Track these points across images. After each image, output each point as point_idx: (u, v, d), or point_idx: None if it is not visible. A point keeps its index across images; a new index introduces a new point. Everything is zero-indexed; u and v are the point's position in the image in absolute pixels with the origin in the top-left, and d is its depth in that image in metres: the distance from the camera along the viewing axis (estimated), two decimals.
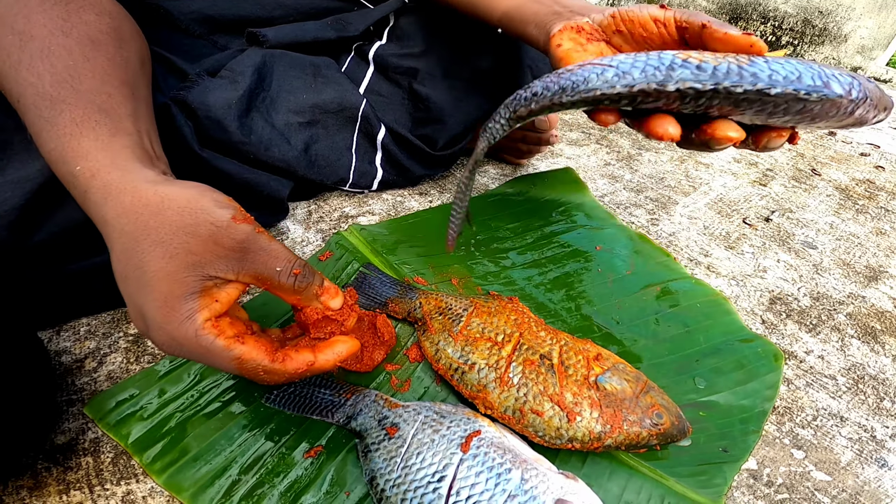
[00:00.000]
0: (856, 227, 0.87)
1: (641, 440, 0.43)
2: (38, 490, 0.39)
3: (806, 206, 0.92)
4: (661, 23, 0.40)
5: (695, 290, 0.62)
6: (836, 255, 0.78)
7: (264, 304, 0.55)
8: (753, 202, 0.91)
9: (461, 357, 0.47)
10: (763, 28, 2.59)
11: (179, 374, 0.47)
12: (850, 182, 1.05)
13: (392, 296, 0.55)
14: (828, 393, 0.55)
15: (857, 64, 2.33)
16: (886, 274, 0.76)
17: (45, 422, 0.42)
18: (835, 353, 0.60)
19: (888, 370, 0.59)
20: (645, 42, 0.42)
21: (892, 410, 0.54)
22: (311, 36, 0.67)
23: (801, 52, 2.49)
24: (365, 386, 0.48)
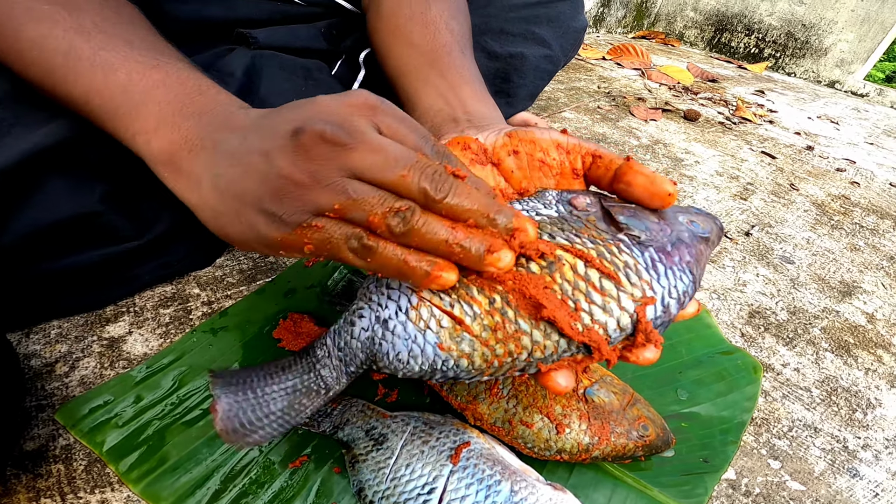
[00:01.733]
0: (831, 242, 0.92)
1: (628, 451, 0.45)
2: (8, 497, 0.39)
3: (784, 221, 0.96)
4: (565, 149, 0.36)
5: None
6: (811, 271, 0.82)
7: (249, 308, 0.55)
8: (734, 216, 0.95)
9: None
10: (747, 40, 2.67)
11: (157, 380, 0.47)
12: (827, 197, 1.11)
13: None
14: (803, 404, 0.58)
15: (835, 77, 2.43)
16: (860, 289, 0.80)
17: (14, 427, 0.41)
18: (810, 366, 0.64)
19: (860, 383, 0.63)
20: (542, 168, 0.37)
21: (863, 422, 0.58)
22: (302, 44, 0.66)
23: (783, 64, 2.58)
24: (352, 395, 0.48)
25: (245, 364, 0.50)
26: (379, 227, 0.28)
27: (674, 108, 1.53)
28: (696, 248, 0.32)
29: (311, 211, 0.28)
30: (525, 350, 0.31)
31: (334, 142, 0.27)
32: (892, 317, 0.76)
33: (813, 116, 1.81)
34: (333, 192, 0.28)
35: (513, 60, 0.81)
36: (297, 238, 0.29)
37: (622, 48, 2.11)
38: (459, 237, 0.28)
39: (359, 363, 0.35)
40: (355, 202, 0.28)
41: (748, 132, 1.46)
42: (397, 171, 0.28)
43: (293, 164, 0.28)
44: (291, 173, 0.28)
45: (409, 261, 0.28)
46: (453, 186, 0.29)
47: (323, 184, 0.28)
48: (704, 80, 2.04)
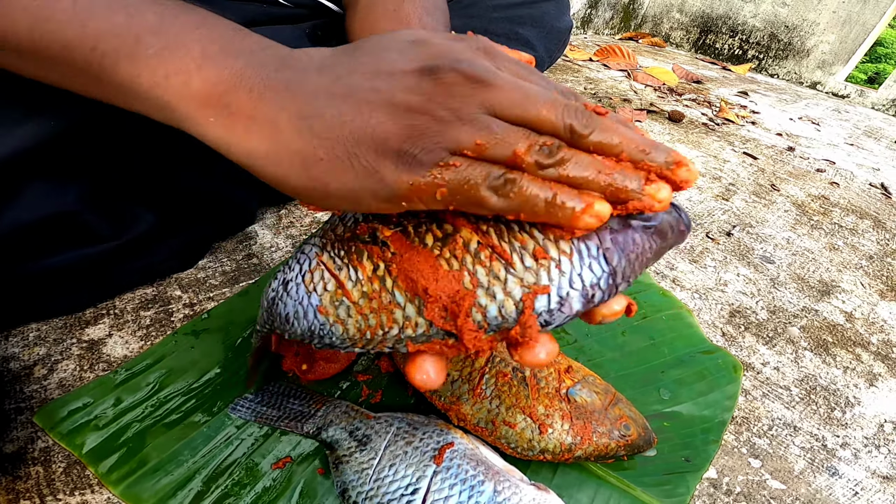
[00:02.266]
0: (810, 242, 0.94)
1: (610, 451, 0.45)
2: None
3: (765, 221, 0.98)
4: None
5: (661, 301, 0.66)
6: (791, 270, 0.84)
7: (231, 310, 0.55)
8: (716, 217, 0.96)
9: None
10: (731, 41, 2.70)
11: (137, 382, 0.47)
12: (807, 198, 1.13)
13: None
14: (782, 403, 0.59)
15: (816, 79, 2.47)
16: (838, 288, 0.82)
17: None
18: (789, 365, 0.65)
19: (839, 381, 0.64)
20: None
21: (842, 420, 0.59)
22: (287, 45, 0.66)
23: (766, 65, 2.62)
24: (336, 396, 0.48)
25: (227, 366, 0.50)
26: (524, 160, 0.26)
27: (658, 110, 1.54)
28: (627, 235, 0.28)
29: (450, 149, 0.26)
30: (396, 325, 0.29)
31: (474, 78, 0.26)
32: (870, 315, 0.78)
33: (794, 117, 1.84)
34: (476, 127, 0.26)
35: None
36: (431, 181, 0.26)
37: (609, 49, 2.12)
38: (613, 168, 0.26)
39: (262, 322, 0.36)
40: (498, 136, 0.26)
41: (731, 133, 1.48)
42: (539, 108, 0.26)
43: (432, 101, 0.26)
44: (432, 109, 0.26)
45: (559, 194, 0.26)
46: (599, 122, 0.27)
47: (465, 120, 0.26)
48: (689, 81, 2.06)
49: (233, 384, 0.48)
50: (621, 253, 0.28)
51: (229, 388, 0.48)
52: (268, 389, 0.48)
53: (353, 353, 0.51)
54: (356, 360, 0.52)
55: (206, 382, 0.48)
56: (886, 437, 0.59)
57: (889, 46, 6.92)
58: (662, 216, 0.28)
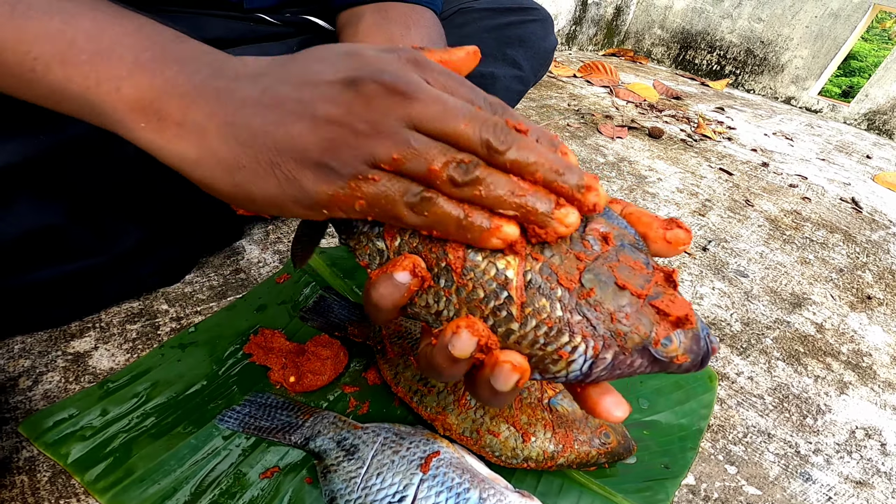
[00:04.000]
0: (783, 256, 0.98)
1: (591, 459, 0.47)
2: None
3: (739, 237, 1.01)
4: None
5: None
6: (764, 284, 0.87)
7: (219, 324, 0.56)
8: (693, 232, 0.99)
9: (420, 380, 0.49)
10: (710, 57, 2.76)
11: (123, 394, 0.47)
12: (779, 213, 1.17)
13: (352, 319, 0.57)
14: (756, 411, 0.62)
15: (791, 94, 2.53)
16: (809, 301, 0.85)
17: None
18: (762, 375, 0.67)
19: (810, 389, 0.67)
20: None
21: (814, 427, 0.61)
22: None
23: (743, 81, 2.69)
24: (323, 408, 0.49)
25: (213, 381, 0.50)
26: (439, 178, 0.26)
27: (639, 126, 1.59)
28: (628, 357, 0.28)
29: (368, 162, 0.27)
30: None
31: (395, 91, 0.26)
32: (840, 326, 0.81)
33: (769, 133, 1.90)
34: (394, 141, 0.26)
35: (483, 80, 0.83)
36: (350, 193, 0.27)
37: (592, 66, 2.17)
38: (526, 189, 0.26)
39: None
40: (416, 152, 0.26)
41: (707, 149, 1.53)
42: (458, 122, 0.26)
43: (351, 113, 0.26)
44: (351, 121, 0.26)
45: (470, 215, 0.26)
46: (517, 139, 0.27)
47: (383, 133, 0.26)
48: (669, 97, 2.11)
49: (220, 396, 0.49)
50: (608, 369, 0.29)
51: (216, 400, 0.48)
52: (255, 401, 0.48)
53: (341, 367, 0.52)
54: (343, 372, 0.53)
55: (192, 394, 0.48)
56: (858, 444, 0.61)
57: (863, 60, 7.12)
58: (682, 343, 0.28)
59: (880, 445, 0.61)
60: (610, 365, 0.28)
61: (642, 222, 0.31)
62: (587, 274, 0.28)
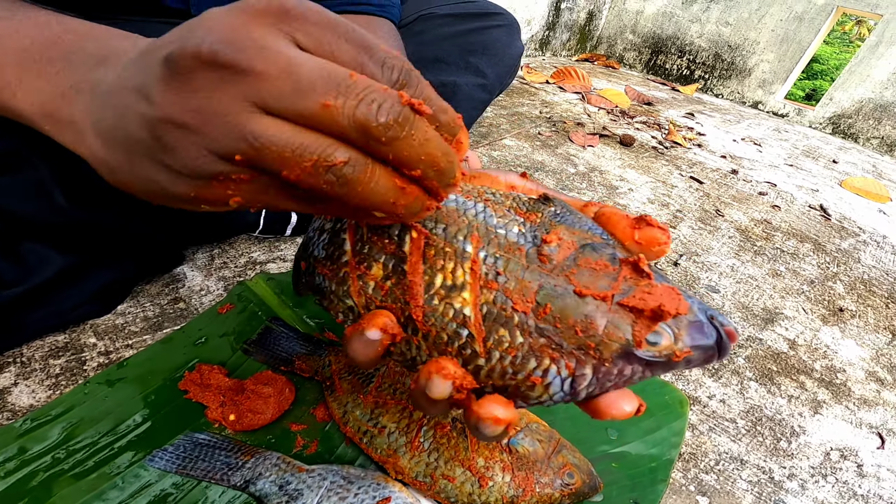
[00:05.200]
0: (754, 269, 0.96)
1: (554, 501, 0.44)
2: None
3: (710, 249, 1.00)
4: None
5: None
6: (736, 299, 0.85)
7: (151, 358, 0.51)
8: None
9: (370, 420, 0.46)
10: (679, 62, 2.79)
11: (44, 431, 0.43)
12: (750, 223, 1.16)
13: (300, 352, 0.53)
14: (729, 436, 0.59)
15: (758, 98, 2.56)
16: (781, 315, 0.84)
17: None
18: (735, 397, 0.65)
19: (784, 411, 0.65)
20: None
21: (788, 450, 0.59)
22: None
23: (712, 85, 2.72)
24: (267, 447, 0.45)
25: (144, 419, 0.46)
26: (302, 185, 0.21)
27: (611, 133, 1.57)
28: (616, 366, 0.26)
29: (215, 156, 0.21)
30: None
31: (221, 64, 0.20)
32: (812, 342, 0.80)
33: (738, 138, 1.91)
34: (229, 136, 0.20)
35: (444, 90, 0.80)
36: (216, 191, 0.22)
37: (565, 72, 2.16)
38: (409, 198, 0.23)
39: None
40: (259, 151, 0.20)
41: (678, 157, 1.52)
42: (316, 99, 0.20)
43: (170, 102, 0.21)
44: (170, 114, 0.21)
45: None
46: (408, 126, 0.21)
47: (214, 124, 0.20)
48: (640, 103, 2.12)
49: (151, 435, 0.45)
50: (594, 384, 0.27)
51: (147, 440, 0.44)
52: (190, 440, 0.44)
53: (286, 405, 0.48)
54: (289, 409, 0.49)
55: (120, 433, 0.44)
56: (833, 466, 0.59)
57: (825, 63, 7.34)
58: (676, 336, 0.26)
59: (856, 467, 0.60)
60: (595, 380, 0.26)
61: (612, 223, 0.29)
62: (541, 291, 0.26)
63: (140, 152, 0.23)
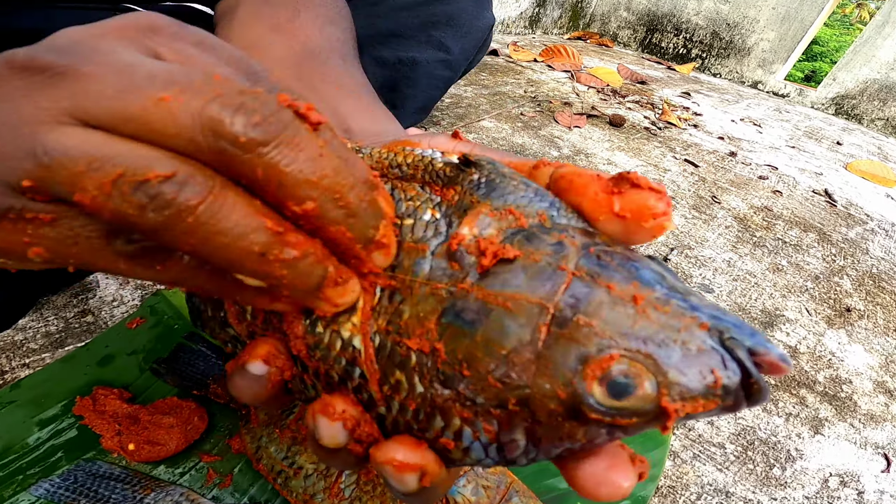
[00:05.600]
0: (753, 263, 0.87)
1: None
2: None
3: (705, 241, 0.90)
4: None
5: None
6: (732, 299, 0.76)
7: (49, 379, 0.45)
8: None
9: (286, 458, 0.39)
10: (676, 40, 2.70)
11: None
12: (749, 210, 1.07)
13: (215, 375, 0.46)
14: (715, 464, 0.51)
15: (757, 78, 2.48)
16: (782, 318, 0.75)
17: None
18: (725, 418, 0.56)
19: (780, 432, 0.56)
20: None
21: (781, 479, 0.51)
22: None
23: (709, 64, 2.62)
24: (171, 481, 0.40)
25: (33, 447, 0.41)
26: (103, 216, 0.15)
27: (600, 113, 1.47)
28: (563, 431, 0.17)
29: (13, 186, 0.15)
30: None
31: (34, 68, 0.15)
32: (816, 348, 0.71)
33: (736, 119, 1.81)
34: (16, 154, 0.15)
35: (402, 67, 0.71)
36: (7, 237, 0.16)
37: (554, 50, 2.05)
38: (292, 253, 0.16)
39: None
40: (48, 170, 0.15)
41: (672, 138, 1.42)
42: (147, 94, 0.15)
43: None
44: None
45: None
46: (290, 128, 0.15)
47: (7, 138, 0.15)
48: (634, 81, 2.01)
49: (39, 464, 0.39)
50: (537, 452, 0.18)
51: (34, 468, 0.39)
52: (83, 470, 0.39)
53: (195, 434, 0.42)
54: (201, 438, 0.42)
55: (6, 460, 0.39)
56: (831, 495, 0.52)
57: (824, 45, 7.22)
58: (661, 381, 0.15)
59: (857, 494, 0.52)
60: (532, 447, 0.18)
61: (575, 189, 0.19)
62: (443, 318, 0.18)
63: None
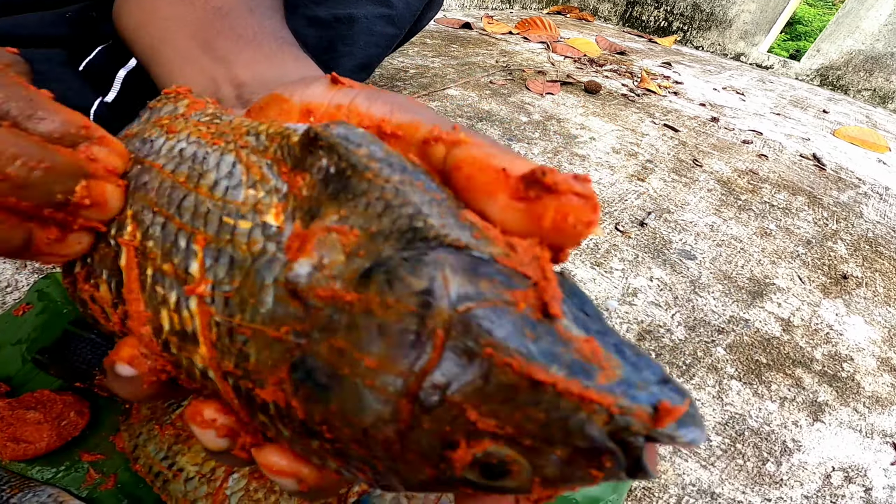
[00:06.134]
0: (738, 228, 0.78)
1: None
2: None
3: (685, 205, 0.82)
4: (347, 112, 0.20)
5: None
6: (716, 267, 0.68)
7: None
8: (629, 202, 0.79)
9: (165, 459, 0.36)
10: (657, 13, 2.62)
11: None
12: (733, 173, 0.98)
13: (101, 366, 0.42)
14: (698, 461, 0.43)
15: (740, 50, 2.41)
16: (772, 287, 0.66)
17: None
18: (710, 404, 0.48)
19: (773, 419, 0.48)
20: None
21: (776, 475, 0.44)
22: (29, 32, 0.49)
23: (690, 38, 2.54)
24: (44, 481, 0.36)
25: None
26: None
27: (575, 81, 1.38)
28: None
29: None
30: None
31: None
32: (812, 321, 0.63)
33: (718, 88, 1.73)
34: None
35: (338, 25, 0.62)
36: None
37: (530, 22, 1.96)
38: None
39: None
40: None
41: (651, 104, 1.34)
42: None
43: None
44: None
45: None
46: None
47: None
48: (613, 52, 1.92)
49: None
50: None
51: None
52: None
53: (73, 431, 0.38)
54: (81, 435, 0.38)
55: None
56: (834, 493, 0.44)
57: (808, 24, 7.32)
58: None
59: (864, 492, 0.45)
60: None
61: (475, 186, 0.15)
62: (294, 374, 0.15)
63: None
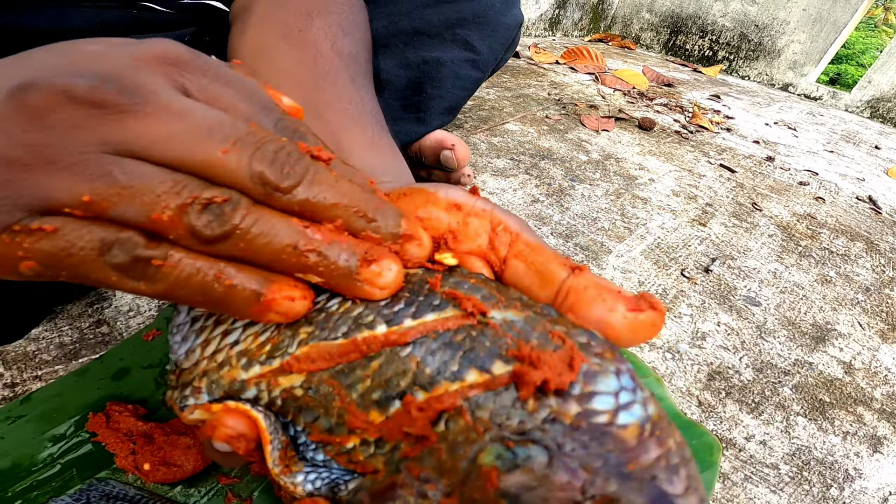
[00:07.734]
0: (800, 275, 0.85)
1: None
2: None
3: (748, 251, 0.88)
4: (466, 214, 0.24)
5: None
6: (780, 313, 0.74)
7: (61, 392, 0.43)
8: (693, 247, 0.86)
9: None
10: (701, 42, 2.67)
11: None
12: (792, 218, 1.04)
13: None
14: (768, 486, 0.50)
15: (788, 80, 2.44)
16: (834, 332, 0.73)
17: None
18: (778, 437, 0.55)
19: (837, 451, 0.54)
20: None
21: (839, 499, 0.50)
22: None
23: (737, 67, 2.59)
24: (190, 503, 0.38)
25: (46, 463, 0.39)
26: (173, 230, 0.18)
27: (628, 116, 1.46)
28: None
29: (33, 206, 0.17)
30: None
31: (95, 102, 0.17)
32: (871, 364, 0.69)
33: (770, 122, 1.78)
34: (84, 175, 0.17)
35: (426, 67, 0.70)
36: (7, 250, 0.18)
37: (576, 51, 2.04)
38: (317, 240, 0.19)
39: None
40: (126, 189, 0.17)
41: (705, 142, 1.40)
42: (212, 146, 0.18)
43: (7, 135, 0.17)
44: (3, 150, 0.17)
45: (228, 277, 0.19)
46: (311, 170, 0.20)
47: (64, 163, 0.17)
48: (660, 84, 1.99)
49: (52, 481, 0.38)
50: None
51: (46, 486, 0.38)
52: (95, 489, 0.38)
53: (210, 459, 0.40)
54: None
55: (14, 478, 0.38)
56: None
57: (850, 47, 7.11)
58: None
59: None
60: None
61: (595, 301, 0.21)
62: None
63: None
